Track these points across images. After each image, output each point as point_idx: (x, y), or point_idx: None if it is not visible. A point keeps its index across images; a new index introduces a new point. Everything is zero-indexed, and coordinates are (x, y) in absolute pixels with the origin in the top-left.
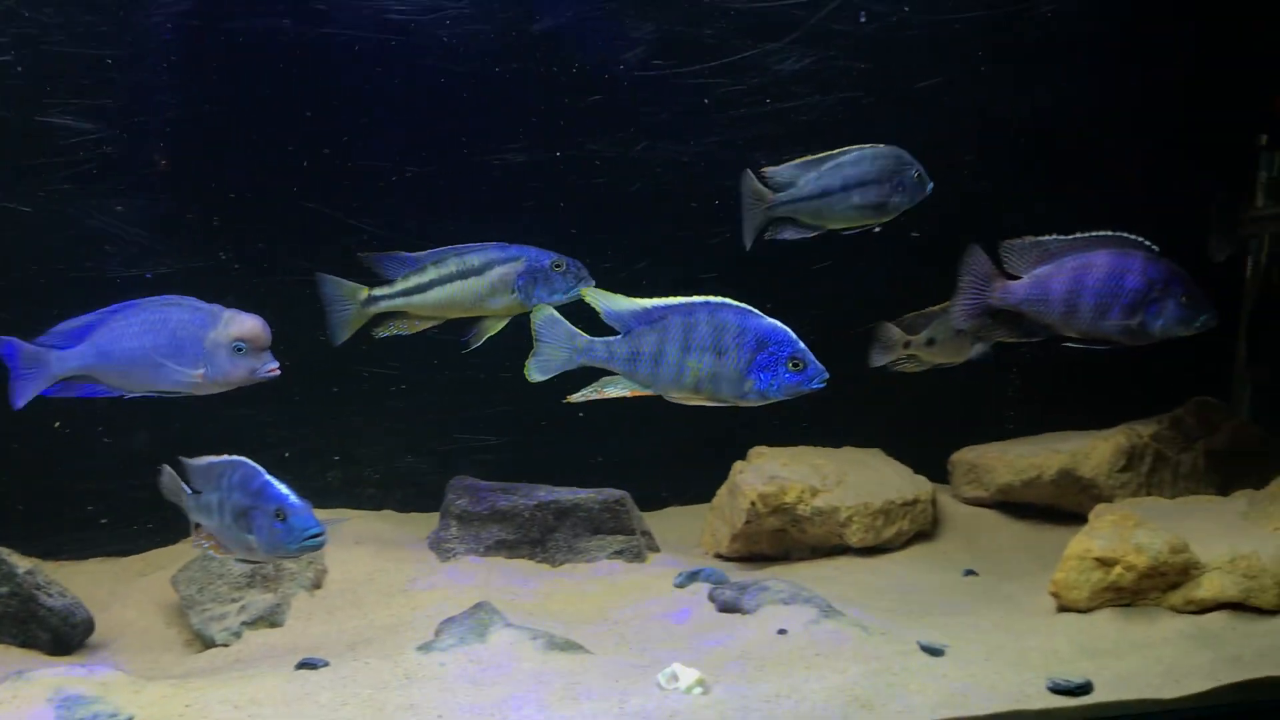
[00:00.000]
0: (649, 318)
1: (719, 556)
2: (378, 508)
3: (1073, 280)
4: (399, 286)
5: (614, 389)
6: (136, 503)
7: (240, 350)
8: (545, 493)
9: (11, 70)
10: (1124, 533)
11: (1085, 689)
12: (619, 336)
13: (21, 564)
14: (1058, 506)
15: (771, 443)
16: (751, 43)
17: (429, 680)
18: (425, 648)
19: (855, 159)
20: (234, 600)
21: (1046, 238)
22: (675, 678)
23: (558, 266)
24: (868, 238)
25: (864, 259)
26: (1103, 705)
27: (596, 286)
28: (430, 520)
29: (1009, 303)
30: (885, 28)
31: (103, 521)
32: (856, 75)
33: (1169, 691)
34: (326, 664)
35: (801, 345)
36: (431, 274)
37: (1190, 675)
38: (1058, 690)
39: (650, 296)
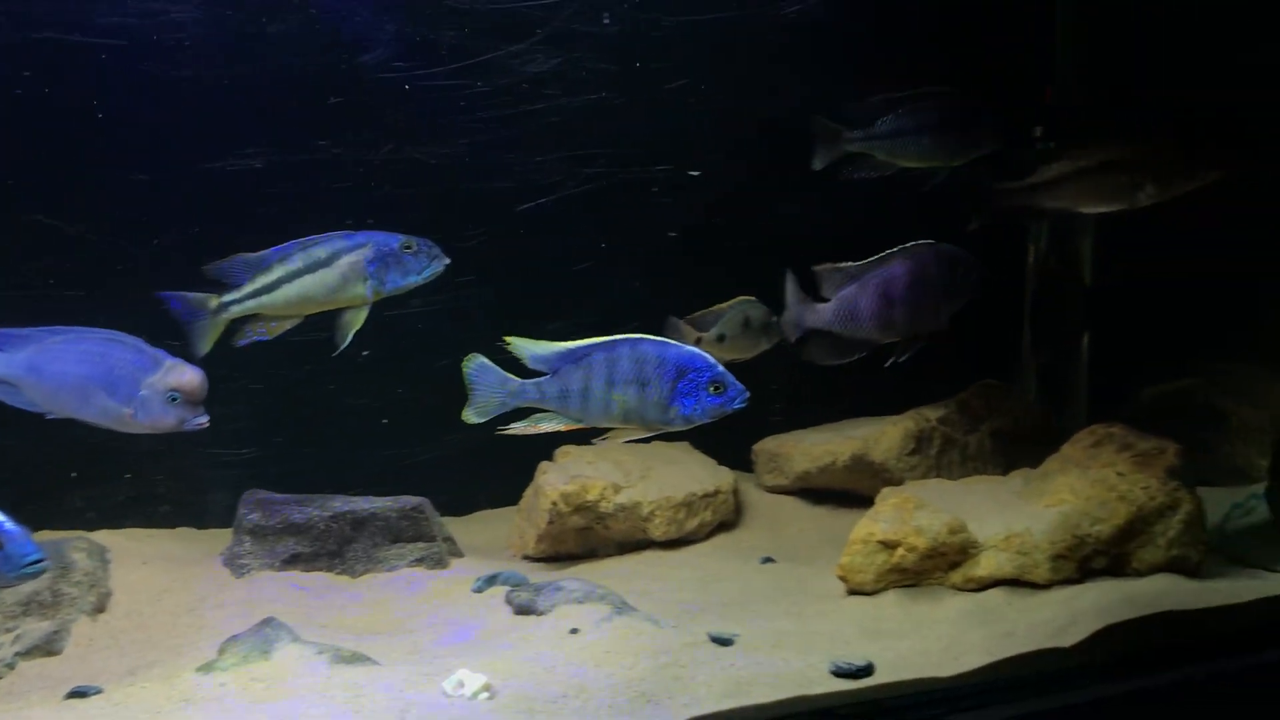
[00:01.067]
0: (574, 357)
1: (526, 558)
2: (172, 525)
3: (877, 292)
4: (247, 289)
5: (548, 424)
6: None
7: (174, 400)
8: (341, 503)
9: None
10: (905, 515)
11: (867, 671)
12: (547, 377)
13: None
14: (854, 491)
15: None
16: (494, 44)
17: (208, 702)
18: (206, 668)
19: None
20: (8, 630)
21: (846, 264)
22: (461, 684)
23: (407, 248)
24: (625, 238)
25: (623, 260)
26: (884, 686)
27: None
28: (222, 538)
29: (820, 325)
30: (632, 29)
31: None
32: (604, 77)
33: (947, 669)
34: (99, 691)
35: (720, 369)
36: (278, 272)
37: (968, 652)
38: (840, 673)
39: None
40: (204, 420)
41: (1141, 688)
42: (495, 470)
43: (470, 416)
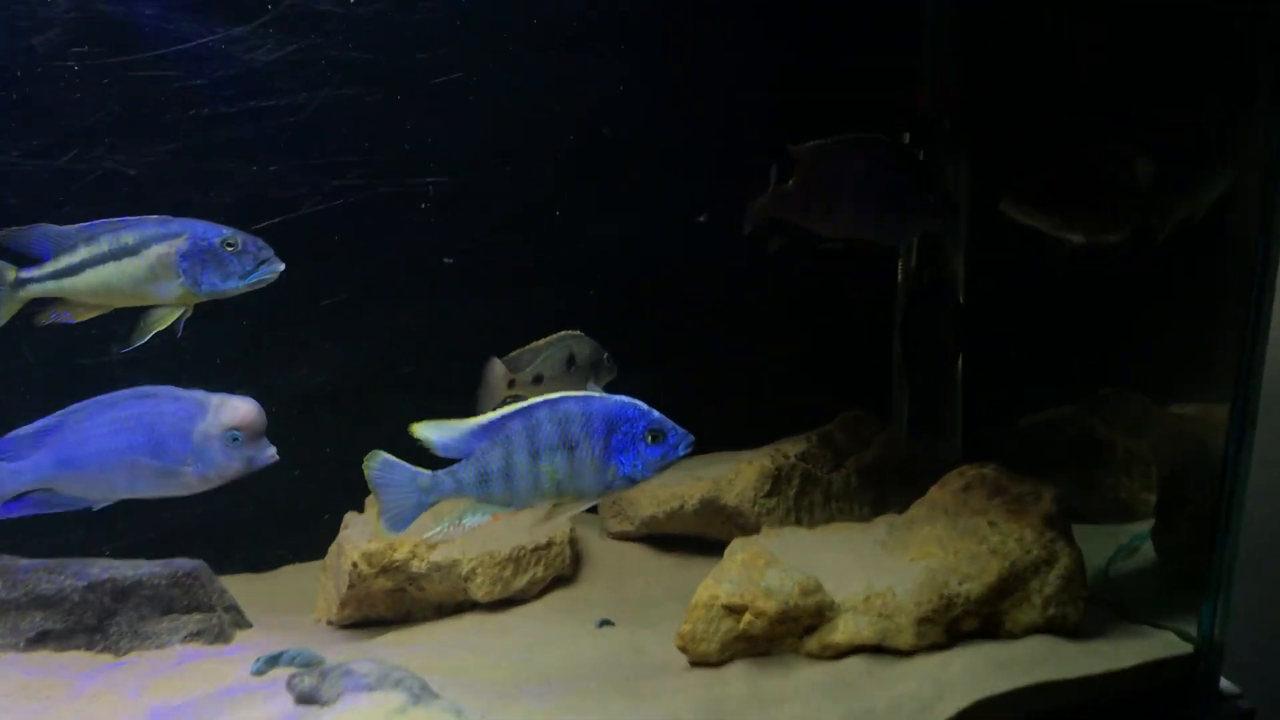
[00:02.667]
0: (488, 433)
1: (331, 624)
2: None
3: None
4: (49, 268)
5: (473, 518)
6: None
7: (236, 440)
8: (100, 569)
9: None
10: (754, 574)
11: None
12: (462, 462)
13: None
14: (706, 536)
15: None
16: (208, 28)
17: None
18: None
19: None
20: None
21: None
22: None
23: (229, 245)
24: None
25: (387, 292)
26: None
27: None
28: None
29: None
30: (387, 11)
31: None
32: (355, 68)
33: None
34: None
35: (656, 415)
36: (83, 253)
37: None
38: None
39: None
40: (273, 453)
41: None
42: (302, 520)
43: (385, 528)
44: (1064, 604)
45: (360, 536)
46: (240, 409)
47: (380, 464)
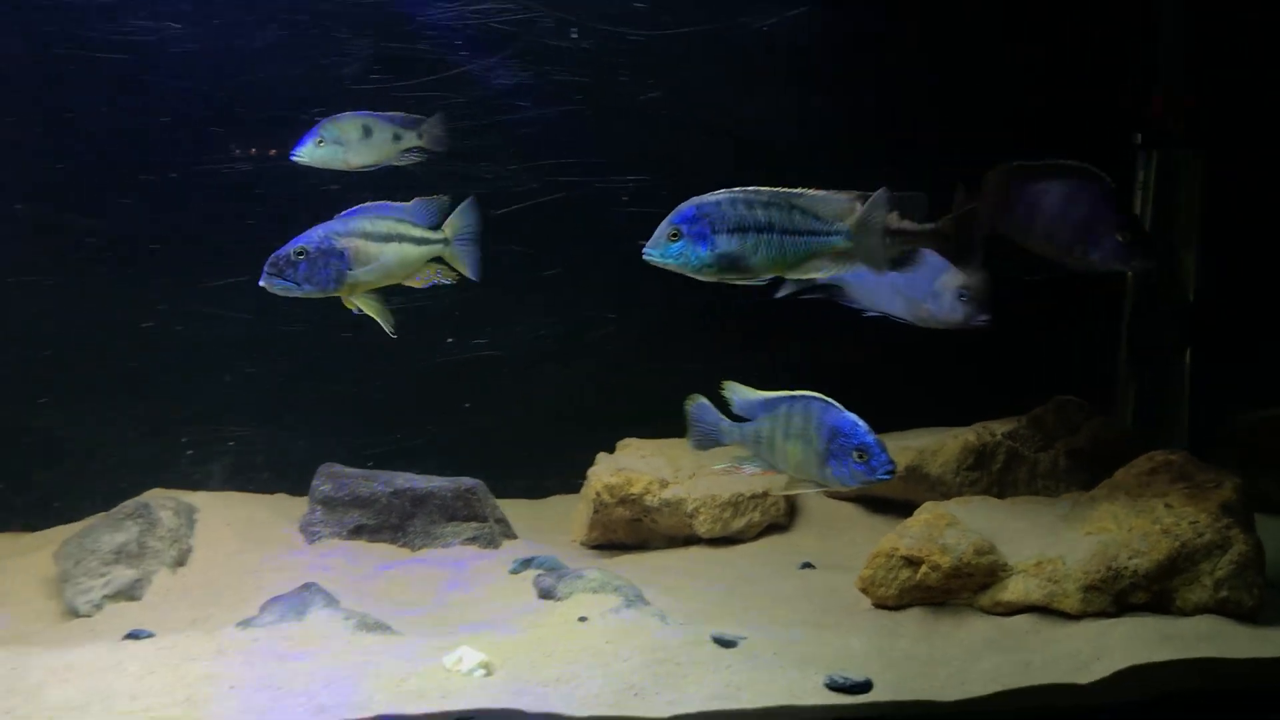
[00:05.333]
0: (768, 407)
1: (582, 544)
2: (270, 491)
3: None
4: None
5: (749, 467)
6: (45, 483)
7: (963, 298)
8: (404, 481)
9: None
10: (934, 532)
11: (864, 687)
12: (750, 422)
13: None
14: (914, 501)
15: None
16: (467, 58)
17: (237, 653)
18: (245, 624)
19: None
20: (101, 575)
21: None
22: (461, 660)
23: (300, 253)
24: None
25: (591, 267)
26: (877, 705)
27: None
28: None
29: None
30: (603, 43)
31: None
32: (576, 89)
33: (951, 694)
34: (151, 635)
35: (871, 439)
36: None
37: (975, 679)
38: (834, 687)
39: None
40: (985, 318)
41: None
42: (569, 458)
43: (692, 447)
44: (1236, 588)
45: (604, 472)
46: (974, 277)
47: (698, 405)
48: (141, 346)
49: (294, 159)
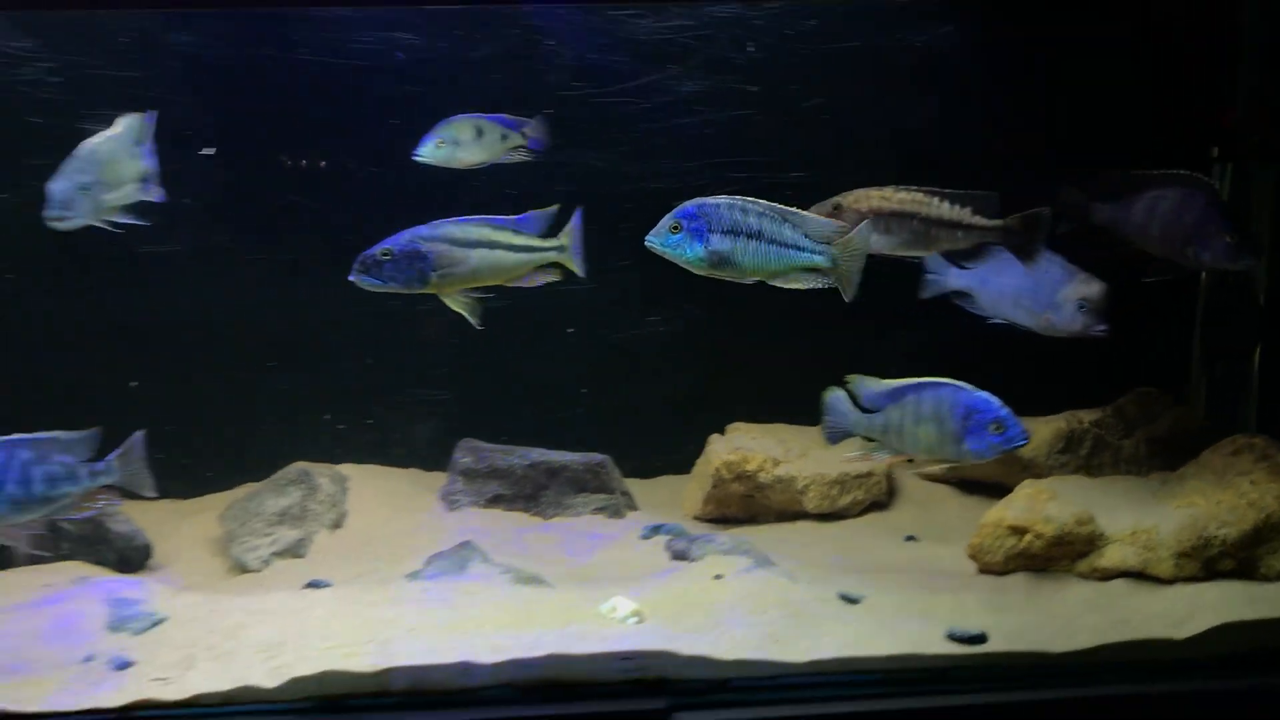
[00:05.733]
0: (895, 396)
1: (696, 518)
2: (405, 466)
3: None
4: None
5: (879, 454)
6: (203, 455)
7: (1082, 308)
8: (538, 454)
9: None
10: (1037, 504)
11: (980, 639)
12: (879, 412)
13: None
14: (1003, 483)
15: (756, 421)
16: (656, 67)
17: (411, 601)
18: (413, 576)
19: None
20: (267, 534)
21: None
22: (615, 608)
23: (386, 254)
24: None
25: None
26: (994, 655)
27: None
28: (442, 480)
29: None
30: (771, 55)
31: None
32: (746, 95)
33: (1059, 646)
34: (330, 584)
35: (1005, 412)
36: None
37: (1080, 633)
38: (954, 637)
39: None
40: (1103, 329)
41: (1253, 686)
42: (677, 441)
43: (825, 439)
44: None
45: (723, 450)
46: (1094, 287)
47: (834, 396)
48: (291, 329)
49: (416, 158)
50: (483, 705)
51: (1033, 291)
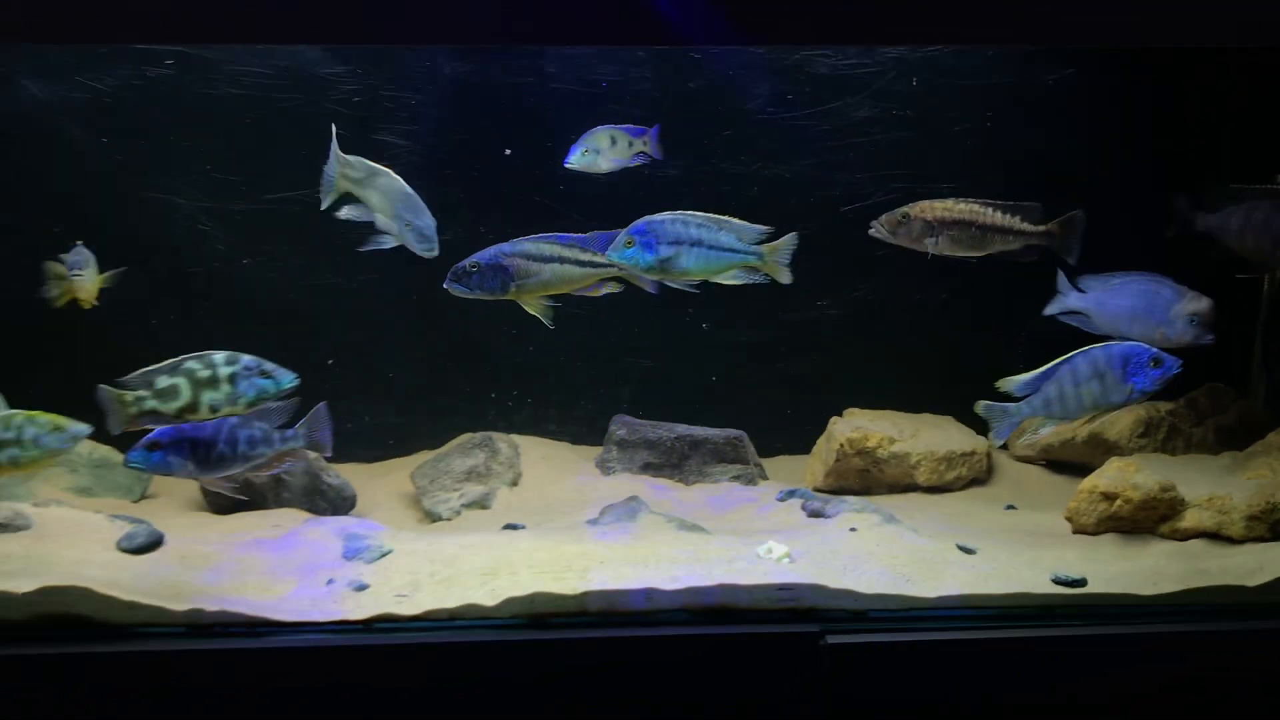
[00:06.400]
0: (1044, 376)
1: (816, 489)
2: (557, 439)
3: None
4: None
5: (1045, 428)
6: (384, 425)
7: (1192, 322)
8: (683, 429)
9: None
10: (1126, 474)
11: (1081, 583)
12: (1033, 395)
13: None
14: (1088, 464)
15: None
16: (834, 96)
17: (595, 540)
18: (592, 521)
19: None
20: (455, 489)
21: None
22: (770, 550)
23: (473, 268)
24: None
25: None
26: (1093, 595)
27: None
28: (592, 451)
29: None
30: (929, 88)
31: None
32: (907, 120)
33: (1147, 590)
34: (523, 527)
35: (1154, 350)
36: None
37: (1166, 580)
38: (1058, 582)
39: None
40: (1210, 338)
41: None
42: (793, 423)
43: (993, 440)
44: None
45: (846, 429)
46: (1203, 303)
47: (985, 405)
48: (463, 315)
49: (566, 165)
50: (664, 625)
51: (1147, 310)
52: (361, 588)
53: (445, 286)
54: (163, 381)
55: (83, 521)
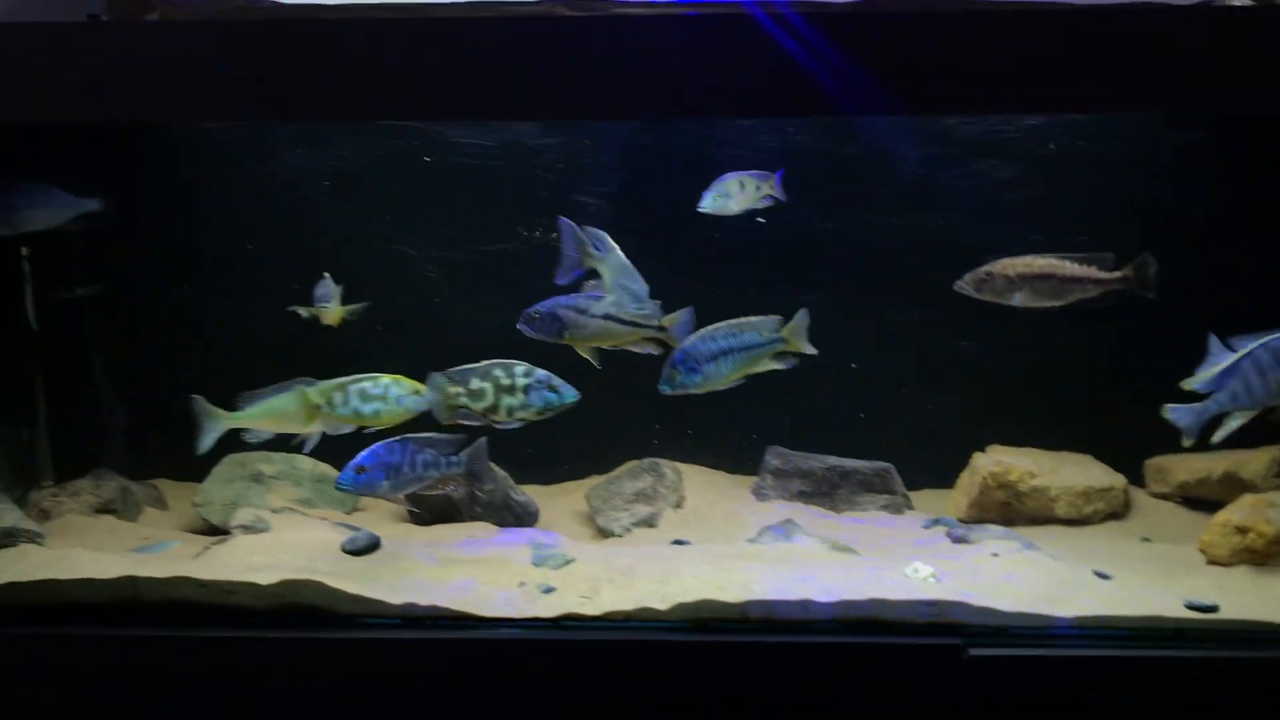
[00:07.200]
0: (1229, 372)
1: (958, 520)
2: (714, 468)
3: None
4: None
5: (1234, 420)
6: (559, 451)
7: None
8: (834, 460)
9: (556, 169)
10: (1259, 509)
11: (1213, 609)
12: (1219, 391)
13: (501, 472)
14: (1225, 501)
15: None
16: (981, 158)
17: (755, 558)
18: (752, 541)
19: None
20: (626, 509)
21: None
22: (917, 570)
23: (535, 314)
24: None
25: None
26: (1225, 621)
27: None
28: (747, 479)
29: None
30: (1063, 150)
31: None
32: (1042, 178)
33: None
34: (689, 543)
35: None
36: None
37: None
38: (1191, 607)
39: None
40: None
41: None
42: (936, 458)
43: (1186, 441)
44: None
45: (989, 463)
46: None
47: (1171, 409)
48: (632, 357)
49: (699, 210)
50: (818, 633)
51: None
52: (549, 590)
53: (517, 326)
54: (475, 383)
55: (312, 527)
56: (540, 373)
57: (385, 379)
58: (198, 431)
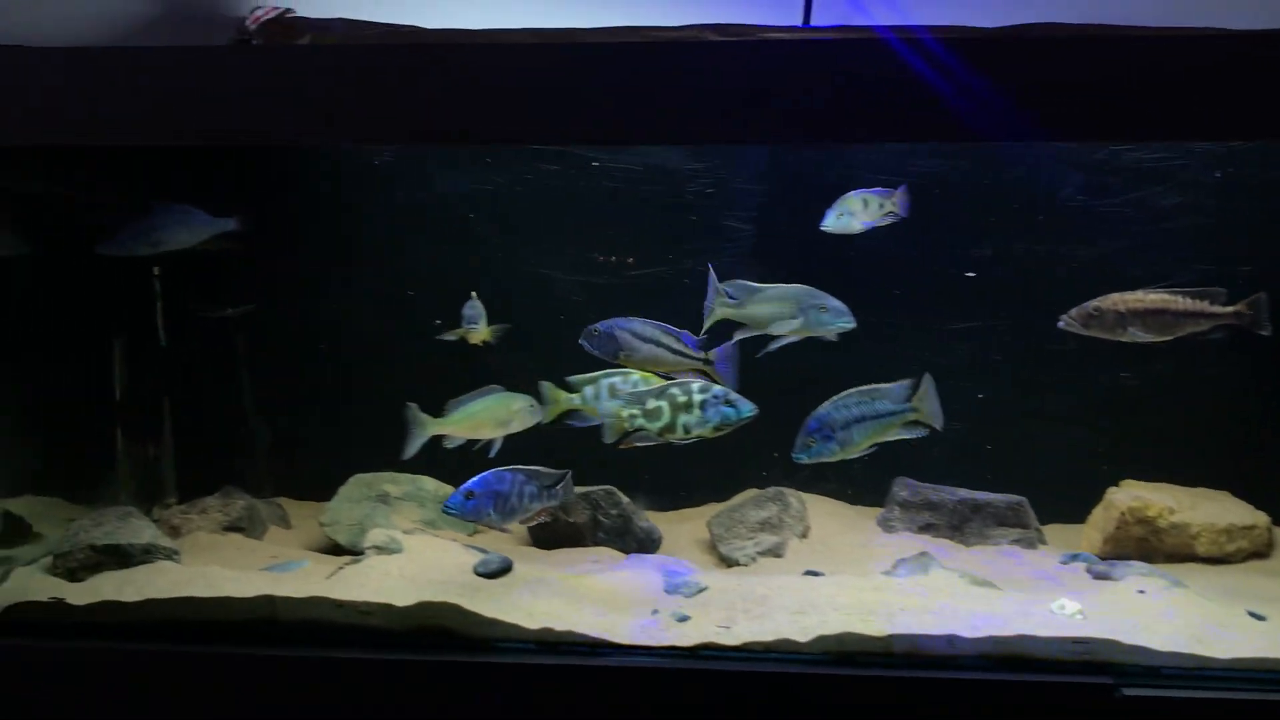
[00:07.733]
0: None
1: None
2: (836, 498)
3: None
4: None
5: None
6: (680, 479)
7: None
8: (965, 493)
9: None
10: None
11: None
12: None
13: (624, 498)
14: None
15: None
16: (1140, 185)
17: (890, 590)
18: (886, 573)
19: None
20: (750, 538)
21: None
22: (1064, 606)
23: (595, 331)
24: None
25: None
26: None
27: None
28: (870, 510)
29: None
30: (1225, 179)
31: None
32: (1202, 207)
33: None
34: (822, 574)
35: None
36: None
37: None
38: None
39: None
40: None
41: None
42: (1065, 493)
43: None
44: None
45: (1125, 499)
46: None
47: None
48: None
49: (823, 228)
50: (964, 669)
51: None
52: (683, 619)
53: (579, 341)
54: (651, 403)
55: (443, 549)
56: (716, 388)
57: (635, 375)
58: (407, 437)
